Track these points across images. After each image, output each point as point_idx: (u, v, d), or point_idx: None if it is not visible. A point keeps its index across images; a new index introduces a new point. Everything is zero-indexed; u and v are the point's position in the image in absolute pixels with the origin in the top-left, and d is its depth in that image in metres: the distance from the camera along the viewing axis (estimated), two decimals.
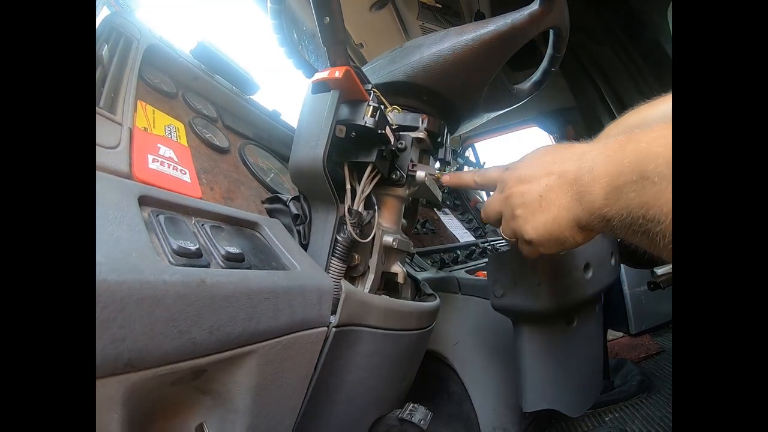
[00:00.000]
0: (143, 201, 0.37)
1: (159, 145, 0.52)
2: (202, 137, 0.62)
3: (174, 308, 0.26)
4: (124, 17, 0.67)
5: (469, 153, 2.05)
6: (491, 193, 0.50)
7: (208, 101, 0.75)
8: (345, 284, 0.46)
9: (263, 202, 0.58)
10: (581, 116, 1.68)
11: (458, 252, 1.10)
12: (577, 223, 0.38)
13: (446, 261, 1.02)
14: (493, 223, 0.49)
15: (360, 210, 0.51)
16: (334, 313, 0.45)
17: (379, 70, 0.61)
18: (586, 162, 0.36)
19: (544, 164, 0.40)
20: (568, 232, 0.39)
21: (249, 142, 0.74)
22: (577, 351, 0.71)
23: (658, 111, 0.61)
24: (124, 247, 0.28)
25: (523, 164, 0.44)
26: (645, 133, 0.31)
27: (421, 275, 0.83)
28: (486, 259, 1.17)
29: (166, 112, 0.61)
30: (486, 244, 1.31)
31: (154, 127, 0.56)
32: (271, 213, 0.57)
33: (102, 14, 0.67)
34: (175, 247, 0.33)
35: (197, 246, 0.34)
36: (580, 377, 0.73)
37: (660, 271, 0.85)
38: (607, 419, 1.04)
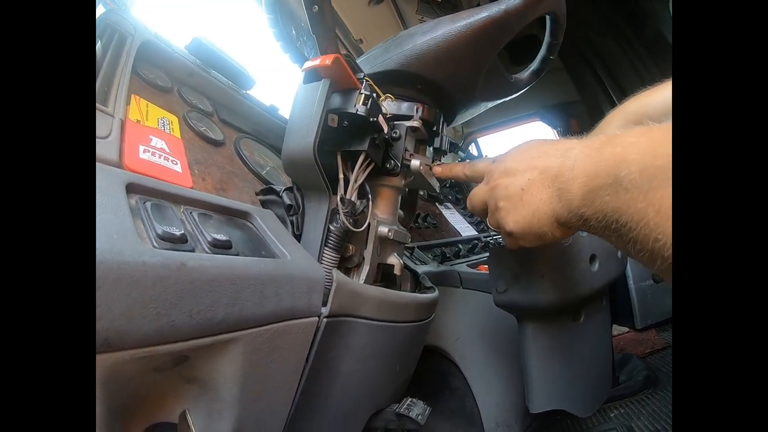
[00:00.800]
0: (131, 188, 0.37)
1: (151, 136, 0.52)
2: (196, 130, 0.61)
3: (153, 290, 0.26)
4: (119, 15, 0.67)
5: (472, 148, 2.04)
6: None
7: (203, 96, 0.75)
8: (336, 273, 0.46)
9: (257, 194, 0.58)
10: (585, 109, 1.67)
11: (460, 246, 1.09)
12: (556, 219, 0.38)
13: (447, 255, 1.01)
14: (477, 213, 0.49)
15: (353, 199, 0.51)
16: (325, 303, 0.45)
17: (372, 60, 0.60)
18: (568, 159, 0.36)
19: (529, 158, 0.41)
20: (547, 228, 0.39)
21: (245, 136, 0.74)
22: (585, 348, 0.69)
23: (659, 97, 0.60)
24: (106, 230, 0.28)
25: (509, 157, 0.44)
26: (623, 137, 0.31)
27: (421, 269, 0.82)
28: (488, 254, 1.16)
29: (160, 106, 0.61)
30: (488, 238, 1.30)
31: (147, 119, 0.56)
32: (264, 204, 0.57)
33: (97, 12, 0.67)
34: (159, 231, 0.32)
35: (182, 232, 0.34)
36: (589, 375, 0.70)
37: None
38: (612, 415, 1.02)
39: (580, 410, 0.67)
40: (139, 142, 0.49)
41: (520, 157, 0.42)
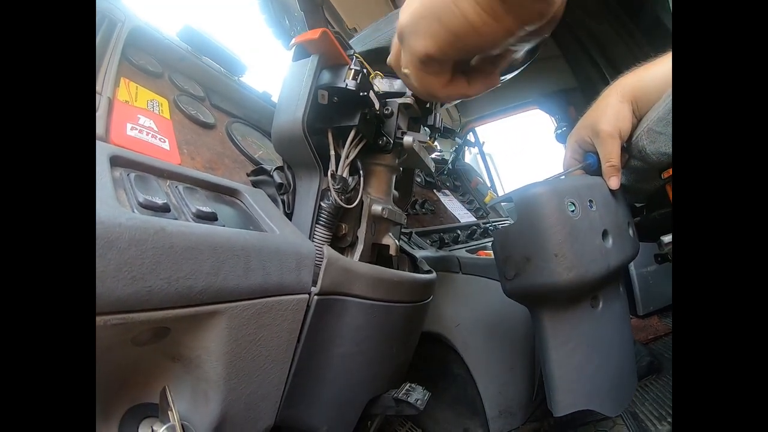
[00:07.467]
0: (115, 161, 0.36)
1: (139, 115, 0.51)
2: (187, 113, 0.61)
3: (127, 253, 0.25)
4: (109, 2, 0.67)
5: (470, 137, 2.02)
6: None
7: (195, 82, 0.74)
8: (327, 250, 0.44)
9: (248, 175, 0.57)
10: (583, 96, 1.65)
11: (458, 232, 1.08)
12: None
13: (446, 241, 1.00)
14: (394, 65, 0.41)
15: (344, 175, 0.50)
16: (316, 281, 0.44)
17: (363, 40, 0.59)
18: None
19: None
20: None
21: (237, 121, 0.73)
22: (606, 338, 0.63)
23: (656, 72, 0.59)
24: None
25: None
26: None
27: (419, 253, 0.81)
28: (488, 239, 1.14)
29: (150, 90, 0.60)
30: (488, 224, 1.28)
31: (136, 101, 0.55)
32: (256, 185, 0.55)
33: None
34: (141, 200, 0.31)
35: (165, 201, 0.33)
36: (615, 368, 0.64)
37: (667, 239, 0.79)
38: None
39: (609, 409, 0.61)
40: (127, 121, 0.48)
41: None
